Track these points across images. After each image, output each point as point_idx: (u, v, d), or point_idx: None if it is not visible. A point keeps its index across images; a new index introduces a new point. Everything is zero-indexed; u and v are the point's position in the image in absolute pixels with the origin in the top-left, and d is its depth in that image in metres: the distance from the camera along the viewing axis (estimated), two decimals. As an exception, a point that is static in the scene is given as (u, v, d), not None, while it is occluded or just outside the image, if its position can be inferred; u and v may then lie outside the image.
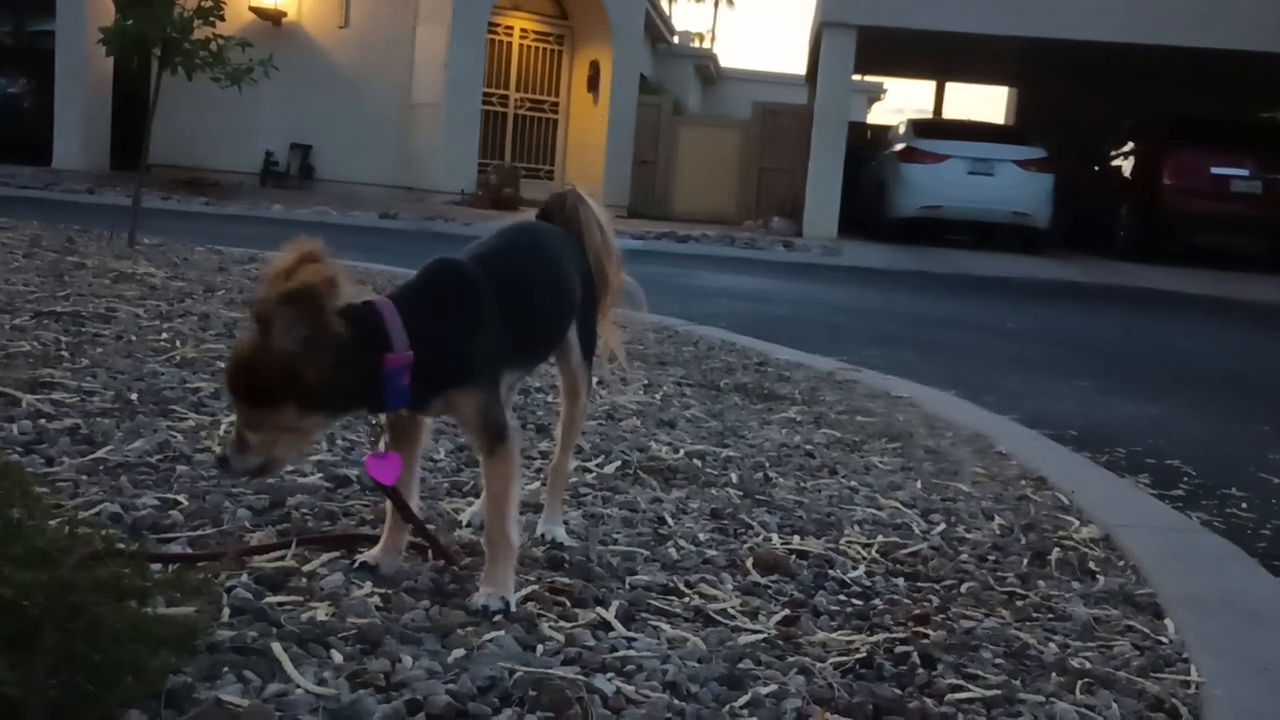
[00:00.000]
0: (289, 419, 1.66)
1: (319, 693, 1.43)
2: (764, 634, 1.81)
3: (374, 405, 1.77)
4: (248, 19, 16.19)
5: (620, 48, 17.76)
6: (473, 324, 1.80)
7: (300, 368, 1.60)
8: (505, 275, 1.89)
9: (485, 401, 1.79)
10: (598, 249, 2.14)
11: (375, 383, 1.69)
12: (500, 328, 1.83)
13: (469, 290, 1.83)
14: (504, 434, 1.80)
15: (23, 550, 1.37)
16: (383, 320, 1.69)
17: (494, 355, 1.83)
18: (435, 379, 1.74)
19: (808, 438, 3.31)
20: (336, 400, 1.69)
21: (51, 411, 2.60)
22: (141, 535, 1.93)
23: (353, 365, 1.64)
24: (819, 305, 8.72)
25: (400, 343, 1.68)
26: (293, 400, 1.64)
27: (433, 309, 1.78)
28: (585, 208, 2.14)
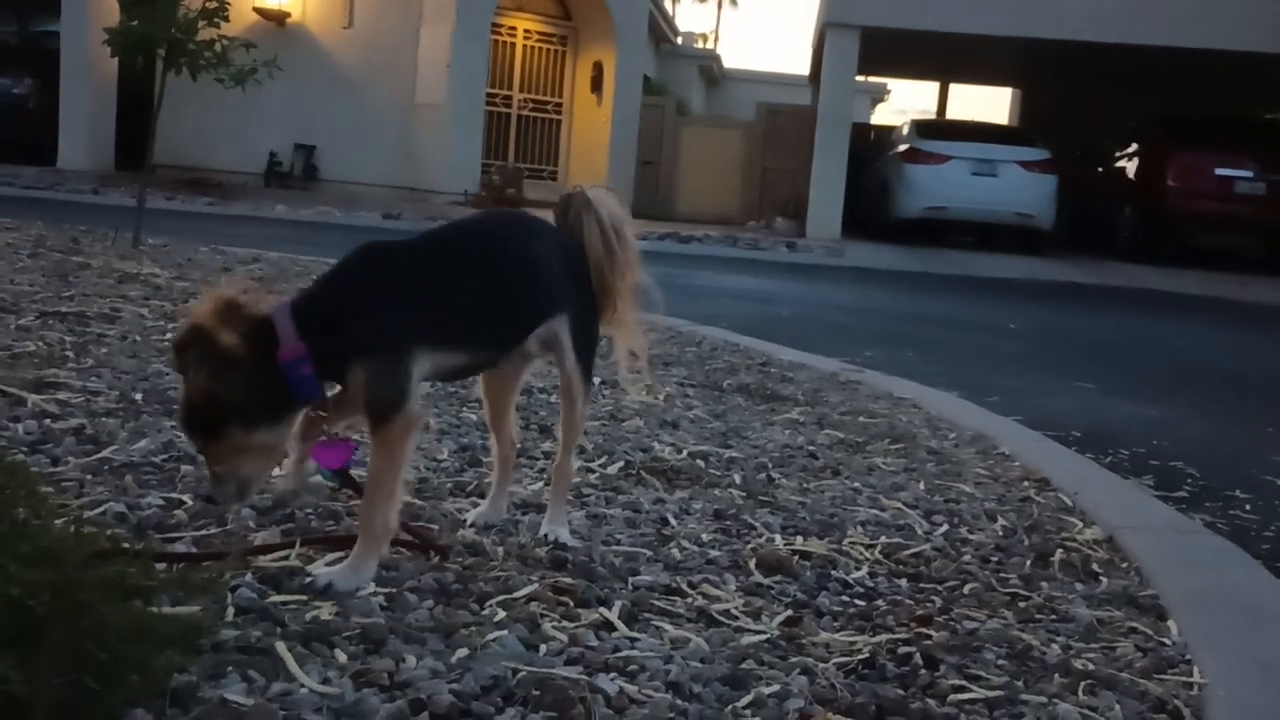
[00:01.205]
0: (240, 440, 1.76)
1: (323, 692, 1.43)
2: (767, 634, 1.82)
3: (299, 400, 1.83)
4: (252, 19, 16.22)
5: (624, 48, 17.77)
6: (372, 302, 1.85)
7: (219, 395, 1.73)
8: (434, 259, 1.96)
9: (377, 375, 1.82)
10: (596, 254, 2.09)
11: (285, 381, 1.77)
12: (414, 308, 1.86)
13: (374, 272, 1.88)
14: (392, 412, 1.81)
15: (29, 549, 1.37)
16: (273, 324, 1.77)
17: (398, 333, 1.83)
18: (341, 358, 1.80)
19: (811, 438, 3.32)
20: (267, 409, 1.78)
21: (56, 411, 2.61)
22: (146, 535, 1.94)
23: (261, 374, 1.74)
24: (822, 306, 8.73)
25: (288, 339, 1.76)
26: (232, 423, 1.75)
27: (333, 294, 1.86)
28: (589, 213, 2.09)
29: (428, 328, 1.87)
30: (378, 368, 1.81)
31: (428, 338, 1.86)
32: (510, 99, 18.11)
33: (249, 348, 1.73)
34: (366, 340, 1.82)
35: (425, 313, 1.88)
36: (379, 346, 1.82)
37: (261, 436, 1.79)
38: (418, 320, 1.86)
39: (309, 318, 1.79)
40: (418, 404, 1.85)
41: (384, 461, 1.84)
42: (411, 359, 1.83)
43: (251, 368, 1.73)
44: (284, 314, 1.79)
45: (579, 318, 2.08)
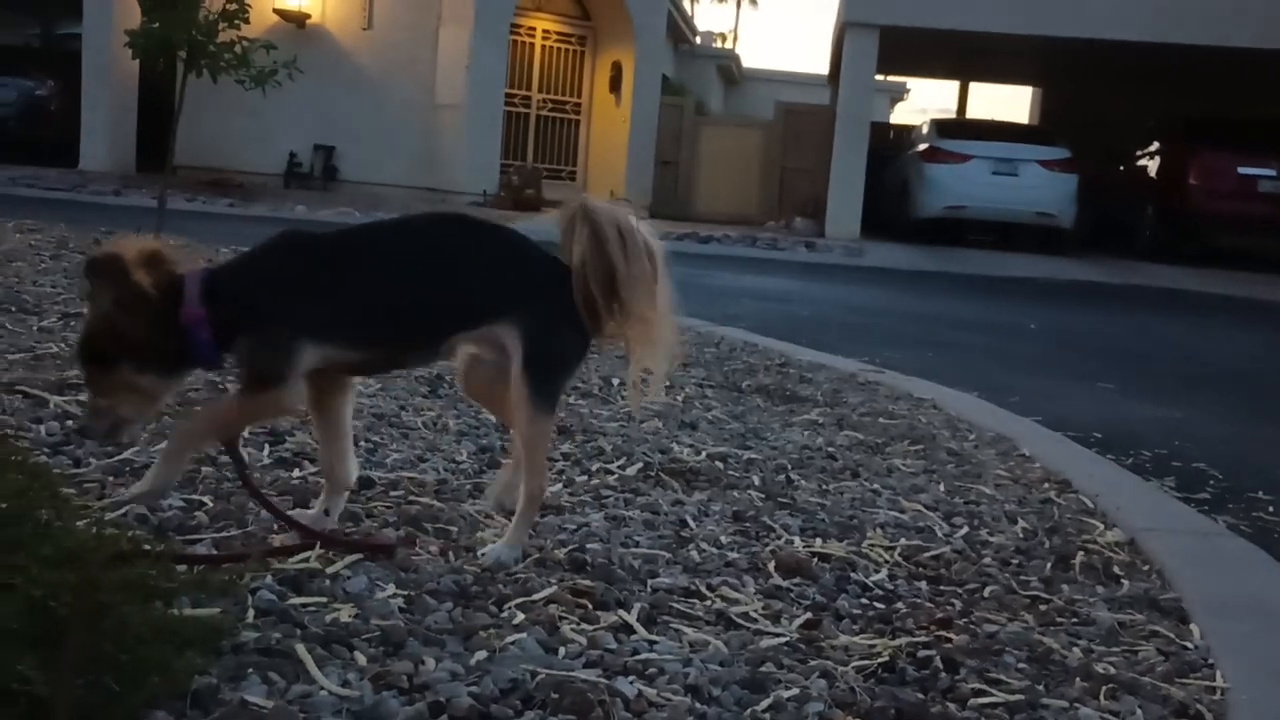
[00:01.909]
0: (126, 377, 1.89)
1: (342, 694, 1.44)
2: (786, 637, 1.81)
3: (193, 361, 1.96)
4: (272, 21, 16.28)
5: (642, 48, 17.77)
6: (273, 287, 1.95)
7: (117, 325, 1.85)
8: (346, 255, 2.01)
9: (258, 352, 1.92)
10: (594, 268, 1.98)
11: (185, 340, 1.89)
12: (312, 299, 1.94)
13: (284, 259, 1.98)
14: (265, 383, 1.91)
15: (51, 551, 1.38)
16: (184, 285, 1.90)
17: (288, 319, 1.92)
18: (234, 331, 1.91)
19: (830, 440, 3.31)
20: (161, 357, 1.91)
21: (78, 413, 2.62)
22: (167, 536, 1.95)
23: (162, 324, 1.87)
24: (841, 306, 8.70)
25: (191, 302, 1.88)
26: (124, 358, 1.88)
27: (242, 272, 1.99)
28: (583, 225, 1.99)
29: (321, 320, 1.93)
30: (259, 345, 1.92)
31: (318, 330, 1.93)
32: (529, 99, 18.13)
33: (157, 295, 1.86)
34: (257, 320, 1.92)
35: (322, 305, 1.94)
36: (266, 328, 1.91)
37: (147, 381, 1.91)
38: (312, 311, 1.93)
39: (215, 289, 1.91)
40: (294, 393, 1.93)
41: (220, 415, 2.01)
42: (297, 347, 1.90)
43: (154, 314, 1.86)
44: (195, 280, 1.91)
45: (536, 327, 1.99)
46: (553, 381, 2.04)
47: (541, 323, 2.00)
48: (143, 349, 1.88)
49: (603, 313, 2.00)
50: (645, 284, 2.00)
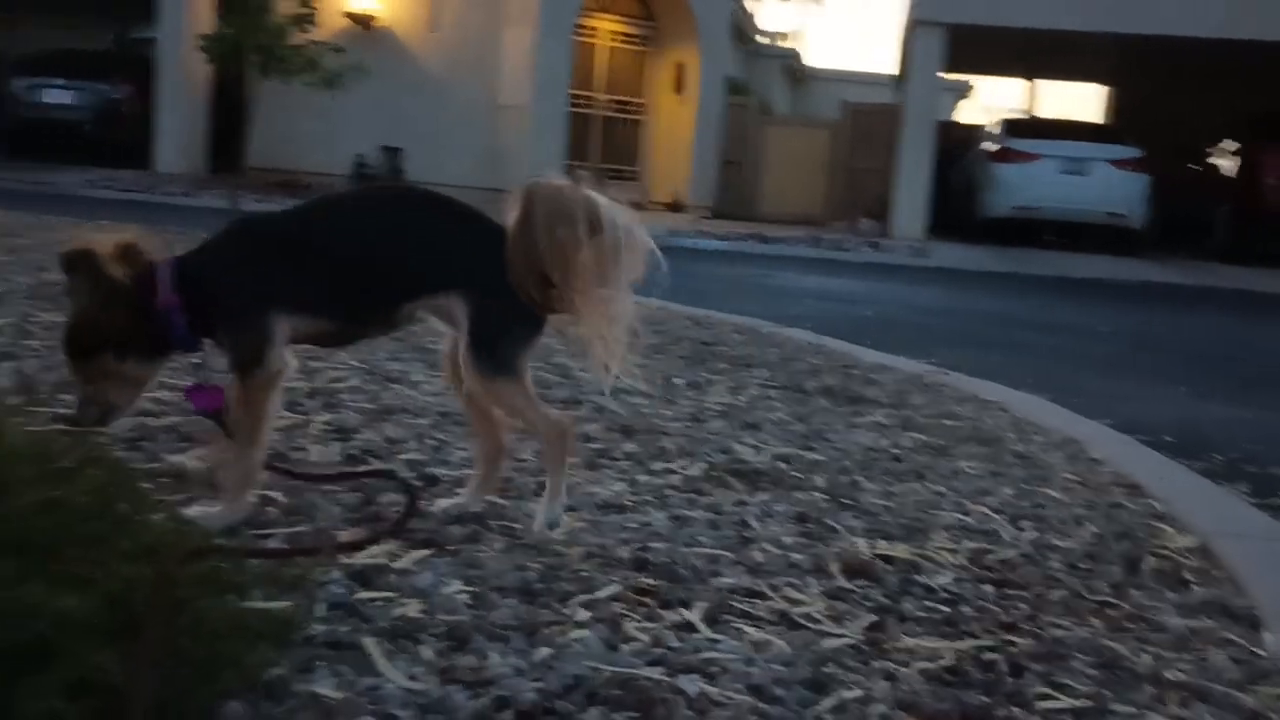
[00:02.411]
0: (109, 366, 1.99)
1: (410, 687, 1.46)
2: (849, 639, 1.81)
3: (171, 346, 2.05)
4: (340, 24, 16.52)
5: (707, 48, 17.77)
6: (236, 269, 2.05)
7: (96, 317, 1.96)
8: (299, 230, 2.11)
9: (237, 334, 2.02)
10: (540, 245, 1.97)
11: (161, 326, 1.99)
12: (274, 275, 2.03)
13: (242, 241, 2.09)
14: (251, 368, 2.00)
15: (129, 545, 1.42)
16: (156, 273, 1.99)
17: (256, 297, 2.02)
18: (208, 317, 2.01)
19: (895, 441, 3.28)
20: (140, 344, 2.00)
21: (154, 409, 2.68)
22: (239, 531, 1.99)
23: (138, 311, 1.96)
24: (907, 307, 8.63)
25: (165, 289, 1.98)
26: (105, 347, 1.97)
27: (207, 258, 2.07)
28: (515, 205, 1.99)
29: (285, 294, 2.03)
30: (237, 327, 2.02)
31: (284, 303, 2.02)
32: (593, 100, 18.21)
33: (131, 285, 1.96)
34: (228, 302, 2.02)
35: (284, 280, 2.04)
36: (238, 309, 2.02)
37: (130, 368, 2.01)
38: (276, 287, 2.03)
39: (186, 275, 2.01)
40: (279, 362, 2.02)
41: (244, 412, 2.03)
42: (270, 322, 2.00)
43: (130, 303, 1.96)
44: (167, 268, 2.01)
45: (482, 298, 2.04)
46: (502, 350, 2.06)
47: (488, 293, 2.03)
48: (122, 338, 1.98)
49: (533, 290, 1.99)
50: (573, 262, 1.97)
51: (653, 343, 4.69)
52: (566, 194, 1.98)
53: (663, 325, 5.30)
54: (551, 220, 1.95)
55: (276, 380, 2.03)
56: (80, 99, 17.85)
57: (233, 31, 14.21)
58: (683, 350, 4.60)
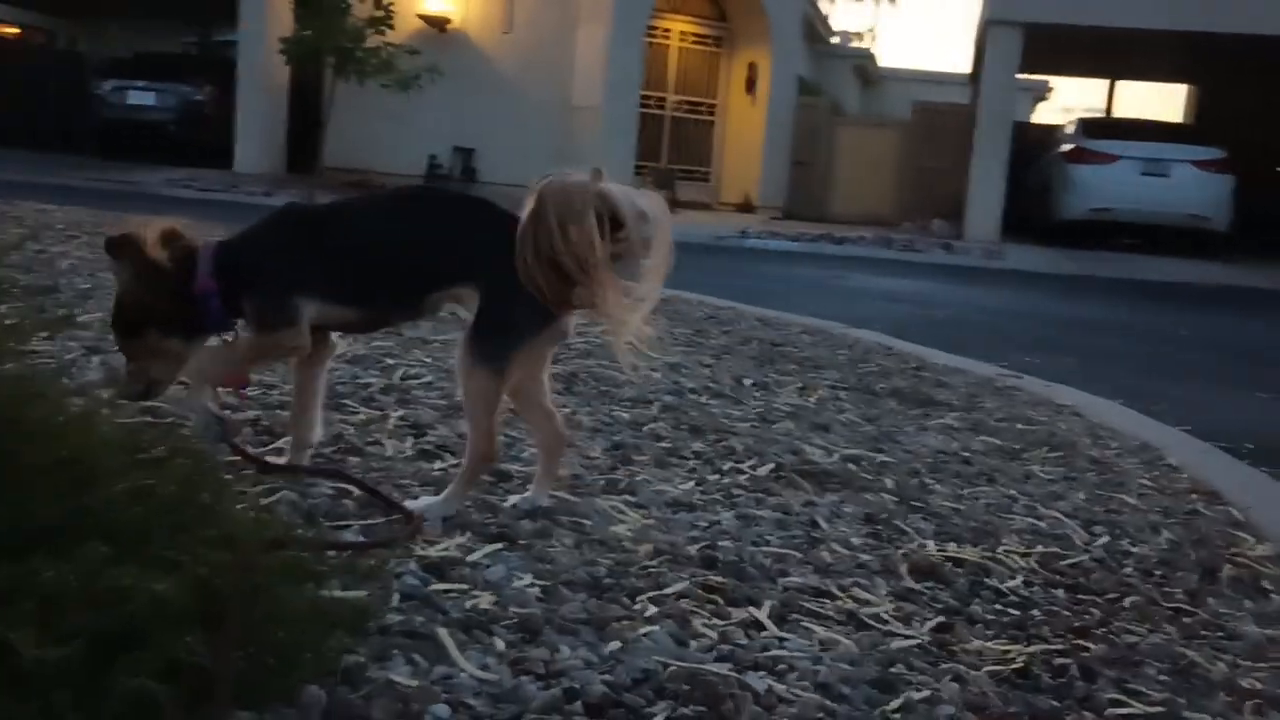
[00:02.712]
0: (154, 343, 2.14)
1: (482, 677, 1.49)
2: (917, 640, 1.81)
3: (208, 327, 2.19)
4: (415, 26, 16.72)
5: (779, 49, 17.71)
6: (269, 254, 2.17)
7: (141, 297, 2.10)
8: (333, 223, 2.24)
9: (261, 305, 2.15)
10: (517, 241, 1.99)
11: (198, 309, 2.13)
12: (303, 263, 2.15)
13: (278, 229, 2.22)
14: (268, 327, 2.14)
15: (213, 533, 1.46)
16: (197, 258, 2.13)
17: (289, 279, 2.14)
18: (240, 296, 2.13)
19: (965, 444, 3.26)
20: (181, 323, 2.15)
21: (235, 403, 2.75)
22: (318, 522, 2.03)
23: (180, 294, 2.11)
24: (979, 309, 8.54)
25: (204, 274, 2.12)
26: (148, 326, 2.12)
27: (244, 244, 2.20)
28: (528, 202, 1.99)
29: (313, 281, 2.14)
30: (262, 300, 2.15)
31: (312, 289, 2.13)
32: (664, 100, 18.23)
33: (172, 268, 2.10)
34: (260, 285, 2.14)
35: (313, 268, 2.15)
36: (268, 290, 2.14)
37: (172, 345, 2.16)
38: (305, 274, 2.14)
39: (223, 260, 2.14)
40: (299, 335, 2.14)
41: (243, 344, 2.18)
42: (294, 300, 2.12)
43: (170, 285, 2.10)
44: (207, 253, 2.15)
45: (491, 291, 2.08)
46: (495, 344, 2.08)
47: (496, 287, 2.07)
48: (163, 318, 2.13)
49: (543, 285, 1.98)
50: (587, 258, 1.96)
51: (722, 343, 4.70)
52: (576, 191, 1.98)
53: (732, 325, 5.30)
54: (562, 218, 1.96)
55: (284, 348, 2.18)
56: (163, 100, 18.29)
57: (311, 34, 14.49)
58: (752, 351, 4.60)
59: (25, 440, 1.35)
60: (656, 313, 2.05)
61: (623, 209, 1.97)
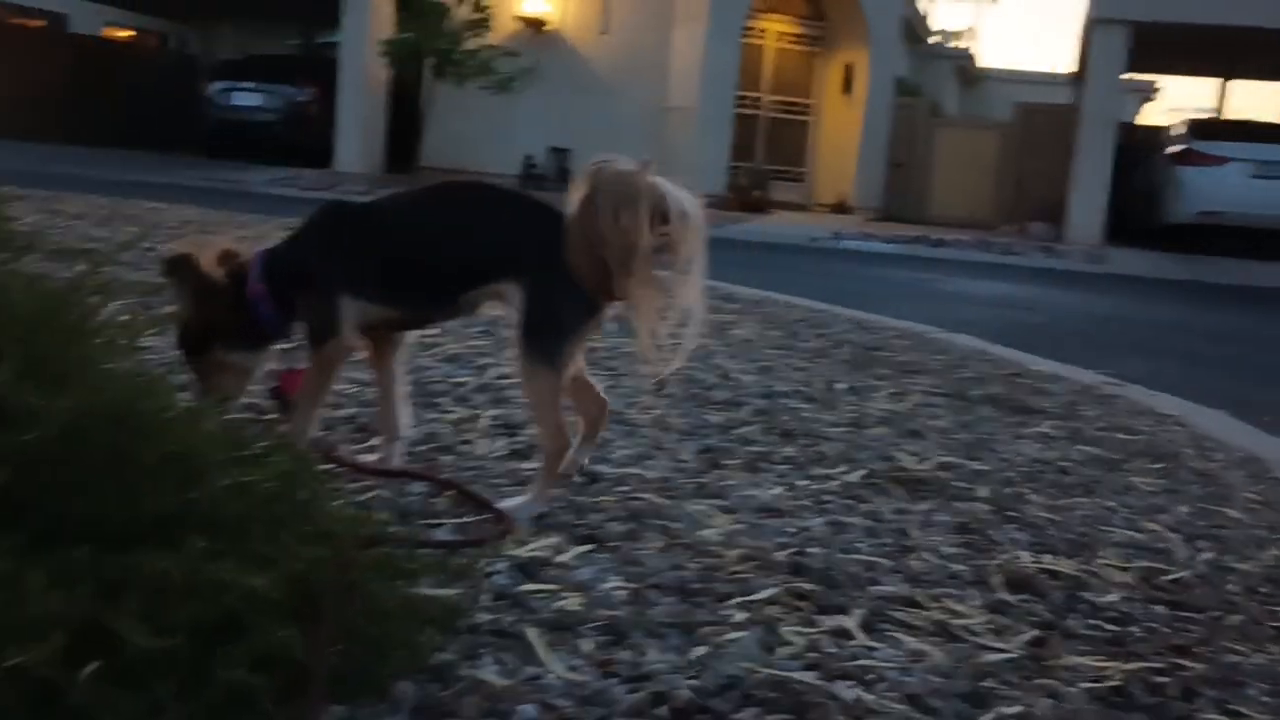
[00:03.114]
0: (220, 358, 2.20)
1: (570, 678, 1.50)
2: (1010, 653, 1.77)
3: (266, 335, 2.24)
4: (513, 27, 16.90)
5: (876, 49, 17.53)
6: (316, 255, 2.21)
7: (201, 314, 2.14)
8: (376, 221, 2.25)
9: (313, 311, 2.19)
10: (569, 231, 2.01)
11: (252, 315, 2.17)
12: (347, 262, 2.17)
13: (319, 229, 2.26)
14: (323, 340, 2.18)
15: (310, 529, 1.50)
16: (246, 267, 2.18)
17: (332, 278, 2.17)
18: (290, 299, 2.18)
19: (1063, 453, 3.19)
20: (243, 335, 2.20)
21: (332, 400, 2.81)
22: (410, 520, 2.07)
23: (237, 305, 2.16)
24: (1080, 315, 8.36)
25: (254, 280, 2.17)
26: (213, 342, 2.17)
27: (291, 247, 2.25)
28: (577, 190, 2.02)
29: (354, 282, 2.17)
30: (313, 307, 2.18)
31: (353, 290, 2.16)
32: (759, 101, 18.17)
33: (227, 283, 2.14)
34: (306, 286, 2.18)
35: (353, 268, 2.17)
36: (314, 292, 2.17)
37: (239, 359, 2.22)
38: (346, 274, 2.17)
39: (272, 265, 2.19)
40: (348, 339, 2.19)
41: (308, 376, 2.23)
42: (339, 303, 2.16)
43: (227, 299, 2.14)
44: (257, 261, 2.20)
45: (536, 287, 2.07)
46: (550, 340, 2.09)
47: (541, 282, 2.07)
48: (224, 332, 2.17)
49: (591, 272, 1.99)
50: (632, 247, 1.95)
51: (814, 346, 4.67)
52: (631, 179, 1.99)
53: (825, 329, 5.26)
54: (614, 203, 1.96)
55: (343, 357, 2.24)
56: (269, 101, 18.74)
57: (411, 36, 14.74)
58: (845, 355, 4.56)
59: (135, 436, 1.40)
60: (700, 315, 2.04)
61: (670, 204, 1.98)
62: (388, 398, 2.38)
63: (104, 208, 7.63)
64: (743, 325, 5.07)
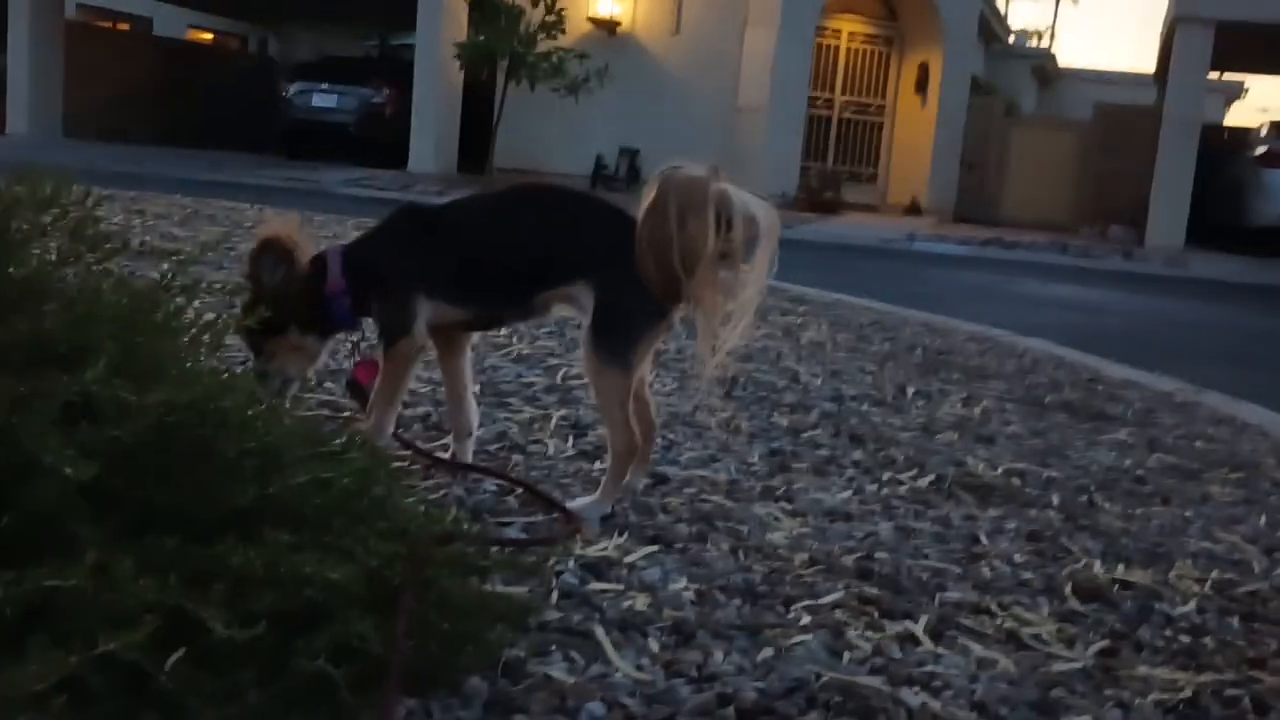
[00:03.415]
0: (291, 342, 2.27)
1: (637, 677, 1.52)
2: (1080, 663, 1.76)
3: (338, 326, 2.33)
4: (585, 29, 16.97)
5: (952, 48, 17.33)
6: (392, 255, 2.27)
7: (283, 296, 2.19)
8: (450, 224, 2.30)
9: (387, 310, 2.26)
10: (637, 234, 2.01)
11: (330, 307, 2.25)
12: (422, 263, 2.23)
13: (399, 228, 2.32)
14: (395, 339, 2.24)
15: (385, 525, 1.54)
16: (326, 261, 2.25)
17: (408, 278, 2.23)
18: (368, 296, 2.25)
19: (1139, 461, 3.15)
20: (315, 321, 2.28)
21: (407, 399, 2.86)
22: (482, 518, 2.10)
23: (314, 294, 2.23)
24: (1160, 320, 8.20)
25: (334, 275, 2.24)
26: (288, 324, 2.23)
27: (369, 246, 2.33)
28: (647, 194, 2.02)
29: (429, 282, 2.22)
30: (386, 306, 2.25)
31: (428, 290, 2.22)
32: (831, 101, 18.06)
33: (313, 273, 2.23)
34: (382, 285, 2.25)
35: (428, 269, 2.22)
36: (389, 290, 2.24)
37: (305, 342, 2.29)
38: (421, 275, 2.22)
39: (350, 262, 2.26)
40: (420, 337, 2.24)
41: (384, 374, 2.28)
42: (413, 303, 2.22)
43: (311, 288, 2.22)
44: (335, 255, 2.27)
45: (606, 288, 2.11)
46: (617, 340, 2.12)
47: (612, 284, 2.10)
48: (300, 317, 2.25)
49: (658, 279, 2.00)
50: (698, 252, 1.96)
51: (884, 349, 4.64)
52: (699, 184, 2.00)
53: (896, 331, 5.23)
54: (682, 209, 1.97)
55: (416, 355, 2.28)
56: (344, 103, 19.01)
57: (485, 39, 14.88)
58: (915, 358, 4.53)
59: (219, 430, 1.44)
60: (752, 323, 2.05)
61: (735, 210, 1.99)
62: (457, 396, 2.43)
63: (186, 207, 7.82)
64: (813, 328, 5.05)
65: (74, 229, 1.49)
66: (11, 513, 1.21)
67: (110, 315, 1.44)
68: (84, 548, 1.19)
